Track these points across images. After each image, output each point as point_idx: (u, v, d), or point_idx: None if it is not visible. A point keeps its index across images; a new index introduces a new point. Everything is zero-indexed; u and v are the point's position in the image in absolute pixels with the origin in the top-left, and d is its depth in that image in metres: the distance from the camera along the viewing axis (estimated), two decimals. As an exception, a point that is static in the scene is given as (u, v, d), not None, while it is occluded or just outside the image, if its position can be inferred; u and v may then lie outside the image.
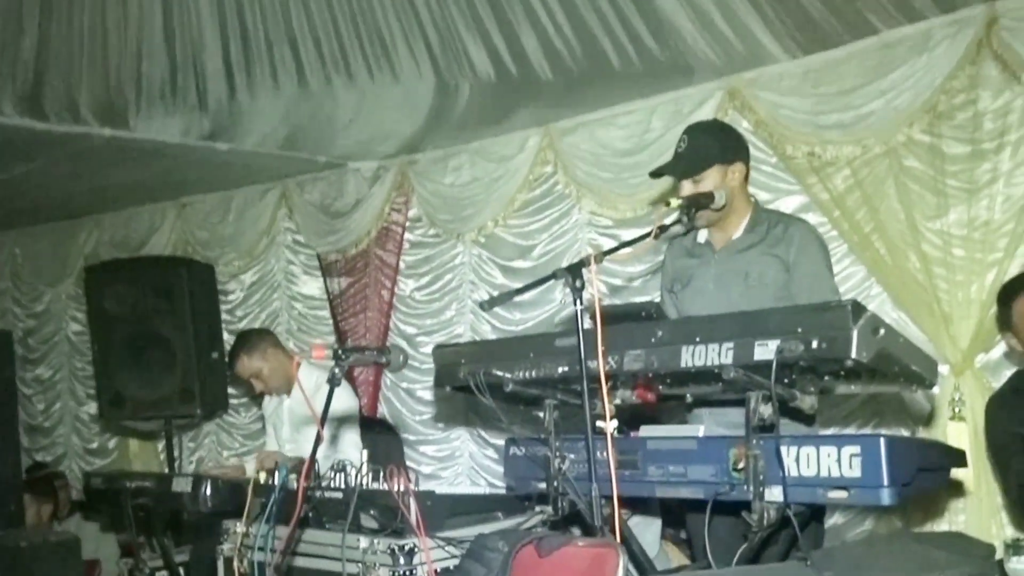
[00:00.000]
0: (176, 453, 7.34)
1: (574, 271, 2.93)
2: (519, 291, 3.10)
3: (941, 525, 4.42)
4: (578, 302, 2.92)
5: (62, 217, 8.43)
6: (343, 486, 3.81)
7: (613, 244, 5.57)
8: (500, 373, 3.24)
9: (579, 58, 5.09)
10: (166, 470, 7.54)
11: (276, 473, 3.88)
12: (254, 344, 5.24)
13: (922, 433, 4.54)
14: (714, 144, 3.57)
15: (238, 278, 7.51)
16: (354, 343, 6.83)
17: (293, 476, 3.81)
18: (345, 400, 5.23)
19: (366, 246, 6.80)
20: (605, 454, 2.95)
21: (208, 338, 6.76)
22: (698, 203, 3.39)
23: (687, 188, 3.53)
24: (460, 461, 6.28)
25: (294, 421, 5.26)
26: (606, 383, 2.92)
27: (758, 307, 3.01)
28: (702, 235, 3.70)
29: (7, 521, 5.47)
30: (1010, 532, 4.18)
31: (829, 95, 4.80)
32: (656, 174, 3.72)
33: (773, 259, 3.48)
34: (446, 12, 4.88)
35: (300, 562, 3.75)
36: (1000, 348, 4.36)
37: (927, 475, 2.82)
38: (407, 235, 6.69)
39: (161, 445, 7.95)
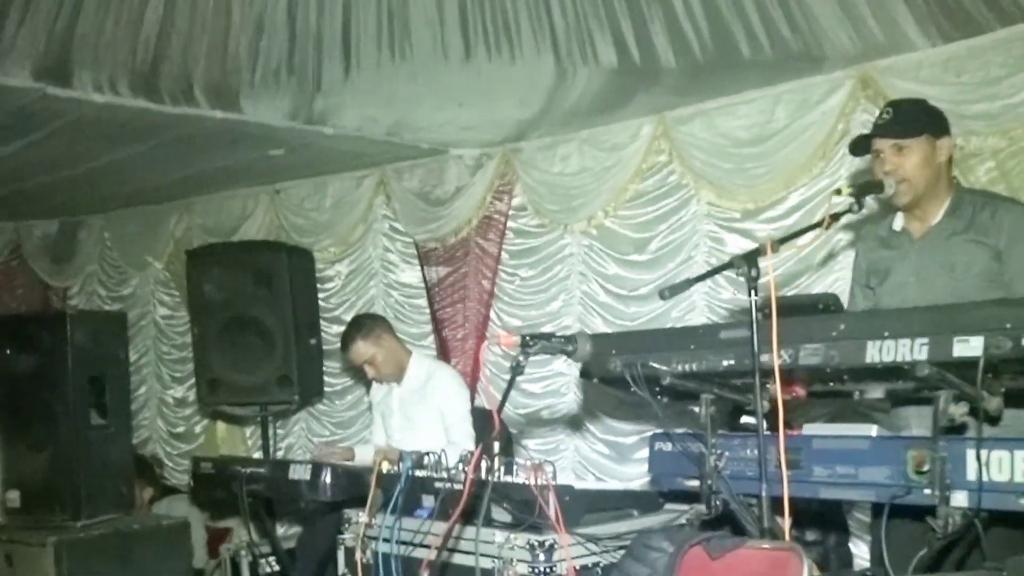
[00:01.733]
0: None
1: (750, 259, 2.79)
2: (699, 279, 2.97)
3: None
4: (753, 292, 2.78)
5: (152, 201, 8.41)
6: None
7: (736, 237, 5.46)
8: (657, 365, 3.12)
9: (707, 45, 4.93)
10: (255, 455, 7.55)
11: (401, 463, 3.81)
12: (370, 329, 5.17)
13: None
14: (923, 114, 3.41)
15: (334, 265, 7.44)
16: (451, 333, 6.76)
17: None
18: (462, 390, 5.17)
19: (466, 235, 6.70)
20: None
21: (307, 325, 6.71)
22: (868, 190, 3.23)
23: (890, 157, 3.34)
24: (565, 455, 6.15)
25: (405, 410, 5.18)
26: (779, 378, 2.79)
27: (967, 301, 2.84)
28: (898, 222, 3.49)
29: (118, 504, 5.45)
30: None
31: (973, 84, 4.60)
32: (861, 142, 3.48)
33: (982, 247, 3.26)
34: (577, -4, 4.76)
35: (427, 555, 3.65)
36: None
37: None
38: (510, 224, 6.57)
39: (249, 431, 7.98)
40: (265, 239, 7.57)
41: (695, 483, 3.21)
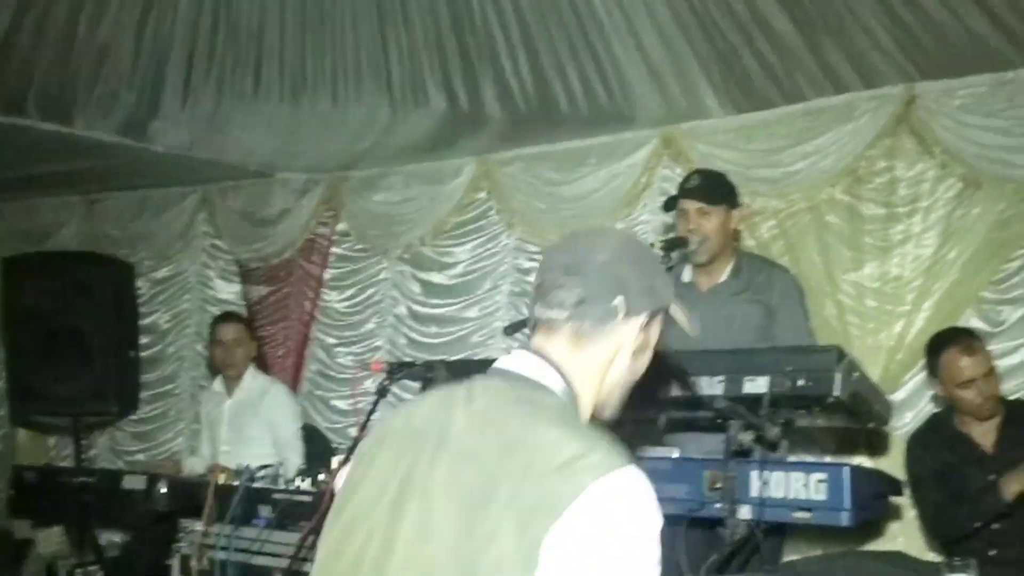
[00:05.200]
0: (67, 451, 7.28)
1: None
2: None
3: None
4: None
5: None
6: (312, 488, 4.00)
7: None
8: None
9: (530, 99, 5.41)
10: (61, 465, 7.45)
11: (239, 474, 4.09)
12: (249, 324, 5.76)
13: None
14: (724, 187, 3.94)
15: (148, 276, 7.50)
16: (271, 350, 6.94)
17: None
18: (296, 408, 5.45)
19: (290, 256, 6.93)
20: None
21: (126, 337, 6.71)
22: (676, 245, 3.75)
23: (694, 217, 3.82)
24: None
25: (235, 423, 5.36)
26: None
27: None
28: (686, 275, 4.01)
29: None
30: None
31: (760, 151, 5.25)
32: (672, 201, 3.95)
33: (757, 305, 3.82)
34: (414, 45, 5.14)
35: (265, 562, 3.86)
36: (901, 392, 4.84)
37: (878, 501, 3.23)
38: (333, 248, 6.85)
39: (52, 441, 7.85)
40: (81, 249, 7.53)
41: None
